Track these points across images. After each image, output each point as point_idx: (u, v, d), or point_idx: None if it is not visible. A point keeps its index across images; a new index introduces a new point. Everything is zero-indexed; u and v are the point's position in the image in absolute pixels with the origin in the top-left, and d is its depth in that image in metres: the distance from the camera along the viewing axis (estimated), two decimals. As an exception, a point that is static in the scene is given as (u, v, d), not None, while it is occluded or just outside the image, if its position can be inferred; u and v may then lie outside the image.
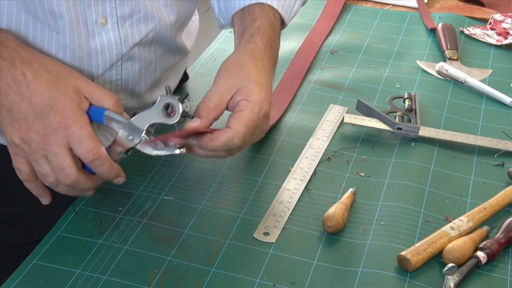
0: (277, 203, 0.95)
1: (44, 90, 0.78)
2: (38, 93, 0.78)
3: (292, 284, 0.83)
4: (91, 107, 0.82)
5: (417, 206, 0.95)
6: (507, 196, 0.96)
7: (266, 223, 0.92)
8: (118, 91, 0.95)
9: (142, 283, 0.82)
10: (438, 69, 1.28)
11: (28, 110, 0.79)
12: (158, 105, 0.81)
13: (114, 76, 0.93)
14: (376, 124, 1.10)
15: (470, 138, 1.08)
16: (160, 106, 0.81)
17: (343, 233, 0.91)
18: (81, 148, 0.79)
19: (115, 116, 0.82)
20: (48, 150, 0.80)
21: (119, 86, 0.94)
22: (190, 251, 0.87)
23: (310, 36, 1.37)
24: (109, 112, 0.82)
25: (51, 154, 0.80)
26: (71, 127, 0.78)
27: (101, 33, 0.90)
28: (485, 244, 0.87)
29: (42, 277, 0.82)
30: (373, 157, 1.05)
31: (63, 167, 0.80)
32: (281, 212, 0.93)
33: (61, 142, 0.79)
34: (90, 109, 0.82)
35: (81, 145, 0.79)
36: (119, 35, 0.91)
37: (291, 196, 0.96)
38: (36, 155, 0.80)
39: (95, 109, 0.83)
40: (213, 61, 1.28)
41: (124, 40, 0.92)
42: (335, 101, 1.19)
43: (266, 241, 0.89)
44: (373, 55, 1.34)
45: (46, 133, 0.79)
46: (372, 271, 0.85)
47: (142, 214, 0.92)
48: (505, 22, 1.42)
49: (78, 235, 0.88)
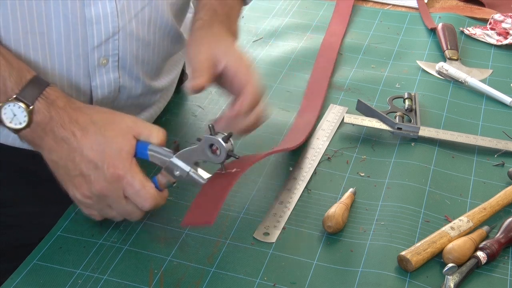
0: (277, 203, 0.95)
1: (93, 144, 0.81)
2: (89, 148, 0.81)
3: (292, 284, 0.83)
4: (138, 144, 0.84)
5: (417, 206, 0.95)
6: (507, 196, 0.96)
7: (266, 223, 0.92)
8: (115, 68, 0.94)
9: (142, 283, 0.82)
10: (438, 69, 1.28)
11: (82, 166, 0.82)
12: (203, 144, 0.83)
13: (111, 50, 0.92)
14: (376, 124, 1.10)
15: (470, 138, 1.08)
16: (205, 146, 0.82)
17: (343, 233, 0.91)
18: (137, 199, 0.83)
19: (159, 152, 0.84)
20: (109, 202, 0.84)
21: (116, 63, 0.93)
22: (190, 251, 0.87)
23: (327, 38, 1.37)
24: (153, 147, 0.84)
25: (114, 205, 0.84)
26: (124, 179, 0.82)
27: (97, 3, 0.89)
28: (485, 244, 0.87)
29: (42, 277, 0.82)
30: (373, 157, 1.05)
31: (127, 213, 0.85)
32: (281, 212, 0.93)
33: (119, 194, 0.83)
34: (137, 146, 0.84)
35: (137, 196, 0.83)
36: (116, 6, 0.90)
37: (291, 196, 0.96)
38: (100, 206, 0.85)
39: (140, 145, 0.84)
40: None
41: (120, 13, 0.91)
42: (335, 101, 1.19)
43: (266, 241, 0.89)
44: (373, 55, 1.34)
45: (102, 187, 0.82)
46: (372, 271, 0.85)
47: (142, 214, 0.92)
48: (505, 22, 1.42)
49: (78, 235, 0.88)
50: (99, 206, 0.85)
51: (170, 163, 0.84)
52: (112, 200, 0.83)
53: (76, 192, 0.84)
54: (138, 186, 0.82)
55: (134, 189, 0.82)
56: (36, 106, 0.81)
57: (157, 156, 0.85)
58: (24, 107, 0.80)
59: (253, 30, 1.42)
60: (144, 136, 0.85)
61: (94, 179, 0.82)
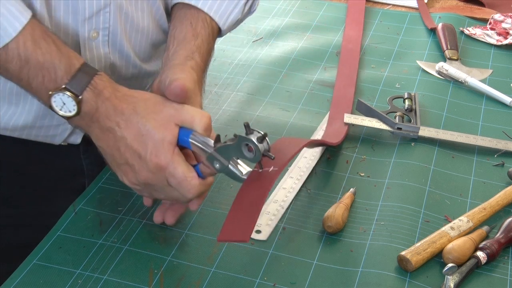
0: (272, 202, 0.95)
1: (136, 135, 0.82)
2: (132, 139, 0.82)
3: (292, 284, 0.83)
4: (180, 130, 0.84)
5: (417, 206, 0.95)
6: (507, 196, 0.96)
7: (259, 220, 0.91)
8: (105, 42, 0.94)
9: (142, 283, 0.82)
10: (438, 69, 1.28)
11: (127, 155, 0.83)
12: (239, 143, 0.82)
13: (102, 23, 0.92)
14: (376, 124, 1.10)
15: (470, 138, 1.08)
16: (241, 144, 0.82)
17: (343, 233, 0.91)
18: (180, 189, 0.83)
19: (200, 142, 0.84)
20: (156, 189, 0.85)
21: (106, 37, 0.93)
22: (190, 251, 0.87)
23: (345, 45, 1.36)
24: (194, 137, 0.84)
25: (160, 192, 0.85)
26: (167, 169, 0.82)
27: None
28: (485, 244, 0.87)
29: (42, 277, 0.82)
30: (373, 157, 1.05)
31: (175, 197, 0.85)
32: (275, 211, 0.93)
33: (163, 183, 0.83)
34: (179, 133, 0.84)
35: (179, 186, 0.83)
36: None
37: (287, 195, 0.96)
38: (148, 191, 0.86)
39: (183, 132, 0.84)
40: (213, 61, 1.28)
41: None
42: (335, 101, 1.19)
43: (257, 238, 0.89)
44: (373, 55, 1.34)
45: (147, 176, 0.83)
46: (372, 271, 0.85)
47: (142, 214, 0.92)
48: (505, 22, 1.43)
49: (78, 235, 0.88)
50: (147, 191, 0.86)
51: (210, 155, 0.84)
52: (158, 189, 0.84)
53: (125, 179, 0.85)
54: (180, 177, 0.82)
55: (176, 180, 0.82)
56: (84, 97, 0.81)
57: (198, 146, 0.84)
58: (73, 97, 0.81)
59: (253, 30, 1.42)
60: (187, 123, 0.84)
61: (138, 169, 0.83)
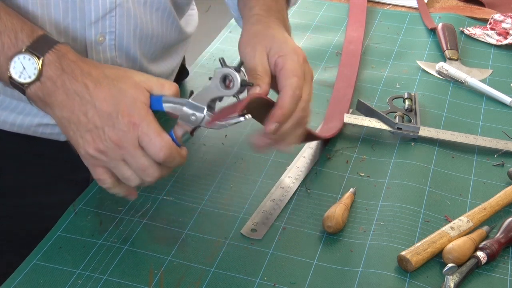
0: (269, 201, 0.95)
1: (106, 95, 0.79)
2: (102, 99, 0.79)
3: (292, 284, 0.83)
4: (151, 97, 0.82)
5: (417, 206, 0.95)
6: (507, 196, 0.96)
7: (255, 219, 0.91)
8: (112, 47, 0.94)
9: (142, 283, 0.82)
10: (438, 69, 1.28)
11: (96, 118, 0.79)
12: (215, 78, 0.80)
13: (108, 28, 0.92)
14: (376, 124, 1.10)
15: (470, 138, 1.08)
16: (218, 79, 0.80)
17: (343, 233, 0.91)
18: (151, 148, 0.80)
19: (174, 100, 0.82)
20: (124, 154, 0.80)
21: (113, 41, 0.93)
22: (190, 251, 0.87)
23: (347, 45, 1.36)
24: (166, 98, 0.82)
25: (129, 157, 0.80)
26: (139, 126, 0.79)
27: None
28: (485, 244, 0.87)
29: (42, 277, 0.82)
30: (373, 157, 1.05)
31: (143, 167, 0.81)
32: (271, 210, 0.93)
33: (134, 143, 0.80)
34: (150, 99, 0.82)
35: (151, 144, 0.79)
36: None
37: (284, 194, 0.96)
38: (114, 161, 0.81)
39: (154, 98, 0.82)
40: (213, 61, 1.28)
41: None
42: (335, 101, 1.19)
43: (252, 237, 0.89)
44: (373, 55, 1.34)
45: (118, 137, 0.79)
46: (372, 271, 0.85)
47: (142, 214, 0.92)
48: (505, 22, 1.43)
49: (78, 235, 0.88)
50: (113, 162, 0.81)
51: (185, 108, 0.82)
52: (126, 152, 0.80)
53: (88, 147, 0.80)
54: (153, 134, 0.79)
55: (148, 137, 0.79)
56: (47, 58, 0.79)
57: (172, 105, 0.82)
58: (35, 59, 0.79)
59: (253, 30, 1.42)
60: (156, 89, 0.82)
61: (107, 131, 0.79)
